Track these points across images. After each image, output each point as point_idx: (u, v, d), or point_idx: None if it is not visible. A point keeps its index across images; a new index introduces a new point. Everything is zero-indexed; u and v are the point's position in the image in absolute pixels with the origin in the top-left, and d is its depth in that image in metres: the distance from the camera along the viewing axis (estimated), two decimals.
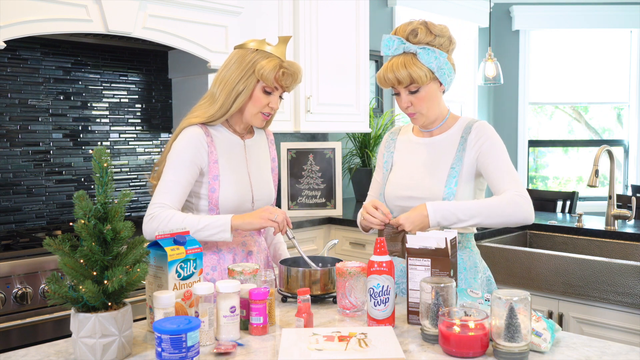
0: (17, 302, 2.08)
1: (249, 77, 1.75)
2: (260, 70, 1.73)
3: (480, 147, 1.75)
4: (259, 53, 1.75)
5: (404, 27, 1.75)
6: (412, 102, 1.74)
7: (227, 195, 1.78)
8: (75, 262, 1.24)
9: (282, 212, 1.72)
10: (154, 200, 1.70)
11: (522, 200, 1.66)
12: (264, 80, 1.74)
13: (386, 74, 1.72)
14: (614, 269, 2.31)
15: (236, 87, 1.75)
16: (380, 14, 4.56)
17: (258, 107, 1.78)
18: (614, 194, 2.85)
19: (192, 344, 1.20)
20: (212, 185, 1.77)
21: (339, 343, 1.31)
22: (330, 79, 3.58)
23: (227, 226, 1.67)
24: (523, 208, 1.65)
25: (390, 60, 1.74)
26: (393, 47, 1.73)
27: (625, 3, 5.34)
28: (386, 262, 1.46)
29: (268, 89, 1.77)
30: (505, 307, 1.23)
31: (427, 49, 1.70)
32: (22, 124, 2.73)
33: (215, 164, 1.78)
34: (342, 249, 3.40)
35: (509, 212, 1.65)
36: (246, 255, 1.85)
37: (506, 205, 1.65)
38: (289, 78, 1.76)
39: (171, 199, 1.70)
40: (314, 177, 3.49)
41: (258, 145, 1.93)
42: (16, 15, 2.15)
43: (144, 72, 3.15)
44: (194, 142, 1.76)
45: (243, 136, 1.89)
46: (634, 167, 5.50)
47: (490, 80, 4.39)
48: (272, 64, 1.73)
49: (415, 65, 1.69)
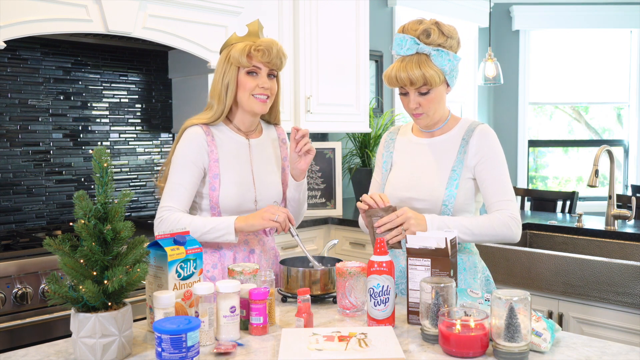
0: (17, 302, 2.08)
1: (230, 68, 1.79)
2: (233, 56, 1.78)
3: (481, 157, 1.75)
4: (233, 45, 1.80)
5: (415, 26, 1.72)
6: (421, 103, 1.73)
7: (227, 194, 1.79)
8: (76, 262, 1.24)
9: (283, 212, 1.72)
10: (162, 204, 1.76)
11: (514, 223, 1.71)
12: (239, 63, 1.78)
13: (399, 74, 1.69)
14: (613, 269, 2.31)
15: (223, 83, 1.80)
16: (380, 14, 4.56)
17: (247, 90, 1.80)
18: (614, 194, 2.85)
19: (192, 344, 1.20)
20: (212, 184, 1.79)
21: (339, 343, 1.31)
22: (330, 78, 3.58)
23: (230, 229, 1.71)
24: (513, 231, 1.71)
25: (402, 60, 1.70)
26: (406, 47, 1.69)
27: (625, 3, 5.34)
28: (386, 262, 1.46)
29: (248, 69, 1.79)
30: (505, 307, 1.23)
31: (440, 50, 1.69)
32: (22, 124, 2.74)
33: (216, 163, 1.79)
34: (342, 249, 3.40)
35: (500, 234, 1.70)
36: (248, 254, 1.85)
37: (498, 227, 1.69)
38: (263, 53, 1.77)
39: (177, 202, 1.75)
40: (314, 177, 3.49)
41: (265, 145, 1.93)
42: (16, 15, 2.15)
43: (144, 72, 3.15)
44: (194, 142, 1.79)
45: (248, 135, 1.89)
46: (634, 167, 5.50)
47: (490, 80, 4.39)
48: (242, 45, 1.77)
49: (429, 67, 1.67)
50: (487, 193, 1.74)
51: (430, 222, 1.65)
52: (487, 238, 1.70)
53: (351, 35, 3.69)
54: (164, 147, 3.25)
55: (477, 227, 1.68)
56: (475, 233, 1.68)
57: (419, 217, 1.66)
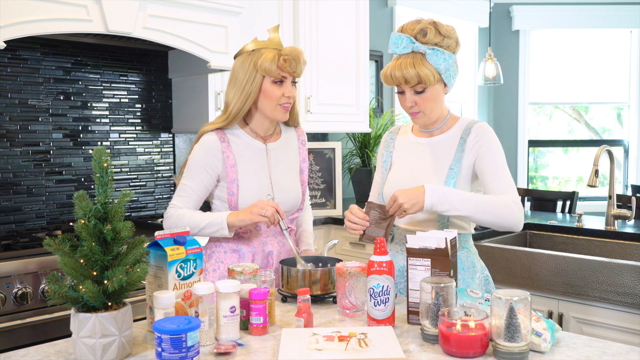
0: (17, 302, 2.08)
1: (255, 76, 1.79)
2: (262, 65, 1.77)
3: (478, 150, 1.75)
4: (256, 52, 1.80)
5: (412, 26, 1.73)
6: (417, 101, 1.74)
7: (247, 199, 1.82)
8: (76, 262, 1.24)
9: (272, 206, 1.73)
10: (172, 202, 1.86)
11: (516, 207, 1.67)
12: (268, 73, 1.78)
13: (393, 72, 1.70)
14: (613, 269, 2.31)
15: (245, 91, 1.80)
16: (380, 14, 4.56)
17: (274, 100, 1.81)
18: (613, 194, 2.85)
19: (192, 344, 1.20)
20: (231, 189, 1.83)
21: (339, 343, 1.31)
22: (330, 79, 3.58)
23: (224, 224, 1.76)
24: (515, 215, 1.67)
25: (398, 59, 1.71)
26: (402, 45, 1.70)
27: (625, 3, 5.34)
28: (386, 262, 1.46)
29: (276, 79, 1.79)
30: (505, 307, 1.23)
31: (436, 49, 1.69)
32: (22, 124, 2.74)
33: (233, 168, 1.83)
34: (342, 249, 3.40)
35: (502, 214, 1.66)
36: (267, 255, 1.87)
37: (501, 206, 1.66)
38: (292, 63, 1.78)
39: (184, 201, 1.83)
40: (314, 177, 3.49)
41: (283, 149, 1.94)
42: (16, 15, 2.15)
43: (144, 72, 3.15)
44: (207, 149, 1.83)
45: (266, 140, 1.90)
46: (633, 167, 5.50)
47: (490, 80, 4.39)
48: (271, 56, 1.77)
49: (424, 66, 1.68)
50: (487, 183, 1.73)
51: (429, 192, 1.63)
52: (488, 216, 1.65)
53: (351, 35, 3.69)
54: (164, 147, 3.25)
55: (479, 203, 1.65)
56: (477, 208, 1.65)
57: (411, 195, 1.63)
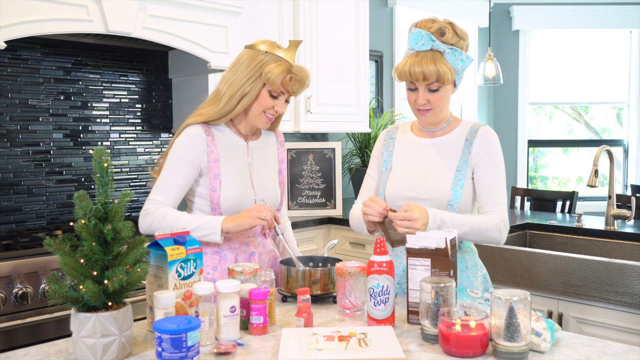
0: (17, 302, 2.08)
1: (256, 79, 1.75)
2: (267, 73, 1.73)
3: (482, 158, 1.77)
4: (268, 55, 1.75)
5: (428, 24, 1.73)
6: (430, 99, 1.74)
7: (229, 195, 1.78)
8: (76, 262, 1.24)
9: (270, 210, 1.72)
10: (151, 197, 1.75)
11: (504, 227, 1.75)
12: (270, 84, 1.74)
13: (412, 68, 1.69)
14: (613, 269, 2.31)
15: (242, 89, 1.76)
16: (380, 14, 4.56)
17: (263, 107, 1.78)
18: (613, 194, 2.85)
19: (192, 344, 1.20)
20: (213, 185, 1.78)
21: (339, 343, 1.31)
22: (330, 79, 3.58)
23: (217, 229, 1.69)
24: (502, 235, 1.75)
25: (418, 55, 1.70)
26: (421, 42, 1.70)
27: (625, 3, 5.35)
28: (386, 262, 1.46)
29: (274, 93, 1.77)
30: (505, 307, 1.23)
31: (454, 49, 1.70)
32: (23, 124, 2.74)
33: (216, 163, 1.78)
34: (342, 249, 3.40)
35: (490, 237, 1.74)
36: (249, 256, 1.84)
37: (491, 230, 1.73)
38: (296, 84, 1.76)
39: (166, 197, 1.74)
40: (314, 177, 3.49)
41: (263, 148, 1.92)
42: (16, 15, 2.15)
43: (144, 72, 3.15)
44: (192, 141, 1.77)
45: (247, 138, 1.88)
46: (633, 167, 5.50)
47: (490, 80, 4.39)
48: (280, 69, 1.73)
49: (444, 64, 1.69)
50: (481, 193, 1.78)
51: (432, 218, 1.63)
52: (479, 239, 1.74)
53: (351, 35, 3.69)
54: (164, 147, 3.25)
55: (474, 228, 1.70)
56: (470, 233, 1.70)
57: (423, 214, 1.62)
